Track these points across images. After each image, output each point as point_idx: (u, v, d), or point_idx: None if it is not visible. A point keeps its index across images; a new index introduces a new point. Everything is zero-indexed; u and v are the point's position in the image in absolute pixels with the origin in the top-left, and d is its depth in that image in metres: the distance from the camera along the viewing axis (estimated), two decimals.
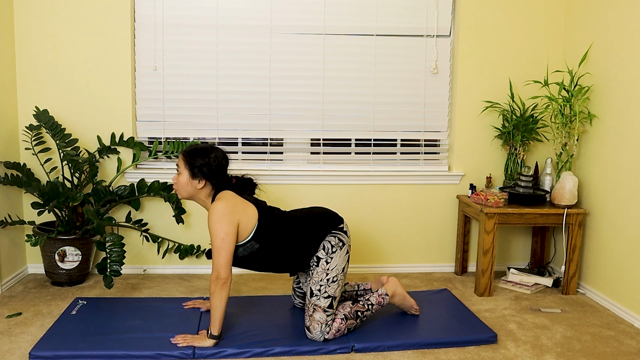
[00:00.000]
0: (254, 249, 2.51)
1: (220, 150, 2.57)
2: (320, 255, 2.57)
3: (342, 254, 2.59)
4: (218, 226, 2.39)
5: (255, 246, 2.51)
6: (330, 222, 2.63)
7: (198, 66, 3.51)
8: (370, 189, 3.66)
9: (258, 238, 2.50)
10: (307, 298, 2.57)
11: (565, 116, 3.37)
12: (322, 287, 2.54)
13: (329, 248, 2.57)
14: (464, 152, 3.69)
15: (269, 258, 2.55)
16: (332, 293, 2.55)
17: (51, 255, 3.21)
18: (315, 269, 2.57)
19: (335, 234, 2.61)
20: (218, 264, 2.39)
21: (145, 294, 3.21)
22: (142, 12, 3.45)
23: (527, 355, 2.51)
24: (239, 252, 2.51)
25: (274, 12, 3.52)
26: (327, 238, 2.59)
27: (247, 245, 2.50)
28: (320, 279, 2.55)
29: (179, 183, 2.53)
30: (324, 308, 2.53)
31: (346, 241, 2.63)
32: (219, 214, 2.39)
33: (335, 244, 2.59)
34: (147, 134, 3.56)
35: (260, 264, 2.57)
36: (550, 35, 3.65)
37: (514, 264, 3.86)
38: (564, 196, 3.25)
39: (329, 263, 2.56)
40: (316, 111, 3.62)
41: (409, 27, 3.62)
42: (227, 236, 2.39)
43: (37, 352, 2.35)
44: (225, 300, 2.42)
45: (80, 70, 3.40)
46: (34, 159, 3.42)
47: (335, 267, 2.57)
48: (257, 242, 2.50)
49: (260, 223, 2.51)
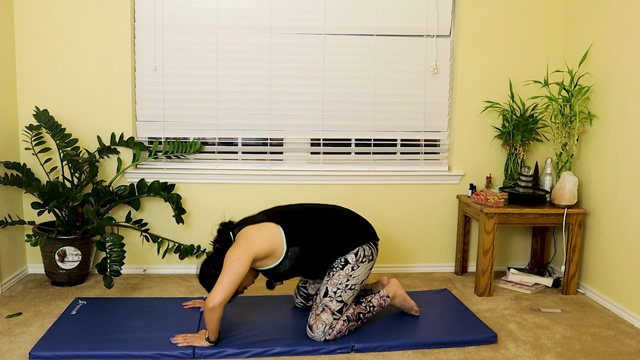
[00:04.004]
0: (297, 253, 2.50)
1: (206, 261, 2.56)
2: (349, 260, 2.57)
3: (367, 267, 2.61)
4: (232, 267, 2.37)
5: (297, 250, 2.50)
6: (371, 233, 2.67)
7: (198, 66, 3.51)
8: (370, 189, 3.66)
9: (293, 242, 2.49)
10: (319, 296, 2.57)
11: (565, 116, 3.37)
12: (339, 290, 2.55)
13: (362, 255, 2.59)
14: (464, 152, 3.69)
15: (315, 253, 2.53)
16: (346, 300, 2.56)
17: (51, 255, 3.21)
18: (338, 271, 2.56)
19: (371, 245, 2.64)
20: (220, 297, 2.35)
21: (145, 294, 3.21)
22: (142, 12, 3.45)
23: (527, 355, 2.50)
24: (285, 266, 2.50)
25: (274, 12, 3.52)
26: (364, 245, 2.61)
27: (289, 254, 2.49)
28: (340, 282, 2.55)
29: (244, 280, 2.54)
30: (333, 311, 2.54)
31: (375, 258, 2.66)
32: (234, 256, 2.39)
33: (367, 255, 2.61)
34: (147, 134, 3.56)
35: (312, 262, 2.55)
36: (550, 35, 3.65)
37: (514, 264, 3.86)
38: (564, 196, 3.25)
39: (354, 270, 2.57)
40: (316, 111, 3.62)
41: (409, 27, 3.62)
42: (237, 275, 2.37)
43: (37, 352, 2.35)
44: (219, 319, 2.40)
45: (80, 70, 3.40)
46: (34, 159, 3.42)
47: (358, 276, 2.58)
48: (295, 246, 2.50)
49: (286, 229, 2.50)
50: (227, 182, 3.56)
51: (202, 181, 3.54)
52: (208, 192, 3.56)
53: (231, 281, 2.34)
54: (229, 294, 2.35)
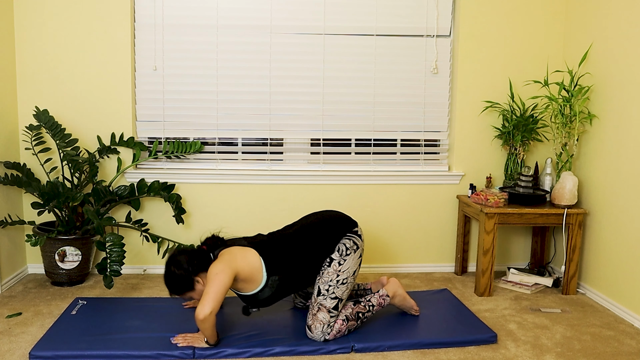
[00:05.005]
0: (277, 282, 2.51)
1: (172, 259, 2.50)
2: (333, 257, 2.57)
3: (355, 257, 2.60)
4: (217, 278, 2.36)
5: (276, 279, 2.50)
6: (345, 225, 2.65)
7: (198, 66, 3.51)
8: (370, 189, 3.66)
9: (272, 272, 2.49)
10: (314, 296, 2.57)
11: (565, 116, 3.37)
12: (331, 287, 2.55)
13: (344, 250, 2.58)
14: (464, 152, 3.69)
15: (296, 279, 2.55)
16: (340, 295, 2.56)
17: (51, 255, 3.21)
18: (326, 269, 2.57)
19: (350, 236, 2.62)
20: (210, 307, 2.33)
21: (145, 294, 3.21)
22: (142, 12, 3.45)
23: (527, 355, 2.50)
24: (265, 293, 2.50)
25: (274, 12, 3.52)
26: (342, 240, 2.60)
27: (269, 283, 2.49)
28: (330, 279, 2.55)
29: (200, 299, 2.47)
30: (329, 309, 2.54)
31: (360, 245, 2.64)
32: (218, 269, 2.38)
33: (350, 246, 2.60)
34: (147, 134, 3.56)
35: (293, 287, 2.57)
36: (550, 35, 3.65)
37: (514, 264, 3.86)
38: (564, 196, 3.25)
39: (341, 265, 2.56)
40: (316, 111, 3.62)
41: (409, 27, 3.62)
42: (223, 286, 2.36)
43: (37, 352, 2.35)
44: (213, 326, 2.40)
45: (80, 70, 3.40)
46: (34, 159, 3.42)
47: (347, 269, 2.57)
48: (275, 275, 2.50)
49: (266, 259, 2.49)
50: (227, 182, 3.56)
51: (202, 181, 3.54)
52: (208, 192, 3.56)
53: (218, 291, 2.33)
54: (217, 304, 2.34)
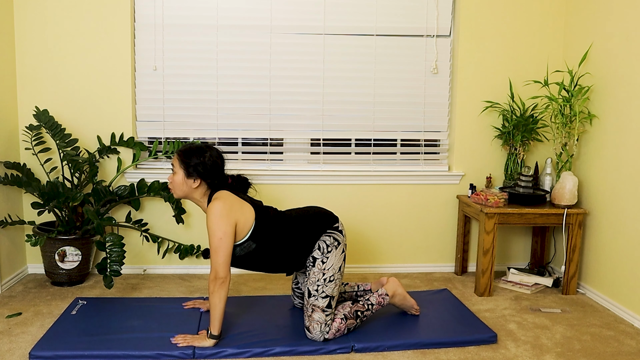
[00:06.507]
0: (251, 249, 2.51)
1: (215, 150, 2.57)
2: (315, 256, 2.57)
3: (337, 253, 2.59)
4: (216, 226, 2.39)
5: (252, 246, 2.51)
6: (324, 221, 2.64)
7: (198, 66, 3.51)
8: (370, 189, 3.66)
9: (255, 238, 2.50)
10: (305, 299, 2.57)
11: (565, 116, 3.37)
12: (320, 287, 2.54)
13: (324, 248, 2.58)
14: (464, 152, 3.69)
15: (265, 258, 2.56)
16: (330, 292, 2.55)
17: (51, 255, 3.21)
18: (311, 269, 2.57)
19: (330, 233, 2.61)
20: (216, 263, 2.40)
21: (145, 294, 3.21)
22: (142, 12, 3.45)
23: (527, 355, 2.51)
24: (237, 251, 2.51)
25: (274, 12, 3.52)
26: (322, 238, 2.59)
27: (244, 245, 2.50)
28: (317, 279, 2.55)
29: (174, 182, 2.53)
30: (322, 308, 2.53)
31: (341, 240, 2.63)
32: (217, 213, 2.40)
33: (331, 243, 2.59)
34: (147, 134, 3.56)
35: (257, 263, 2.58)
36: (550, 35, 3.65)
37: (514, 264, 3.86)
38: (564, 196, 3.25)
39: (325, 263, 2.56)
40: (316, 111, 3.62)
41: (409, 27, 3.62)
42: (225, 236, 2.40)
43: (37, 352, 2.35)
44: (224, 299, 2.42)
45: (80, 70, 3.40)
46: (34, 159, 3.42)
47: (332, 266, 2.57)
48: (254, 242, 2.51)
49: (257, 223, 2.51)
50: None
51: None
52: None
53: (226, 253, 2.40)
54: (228, 265, 2.41)
